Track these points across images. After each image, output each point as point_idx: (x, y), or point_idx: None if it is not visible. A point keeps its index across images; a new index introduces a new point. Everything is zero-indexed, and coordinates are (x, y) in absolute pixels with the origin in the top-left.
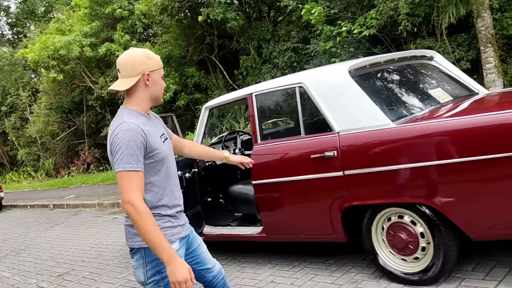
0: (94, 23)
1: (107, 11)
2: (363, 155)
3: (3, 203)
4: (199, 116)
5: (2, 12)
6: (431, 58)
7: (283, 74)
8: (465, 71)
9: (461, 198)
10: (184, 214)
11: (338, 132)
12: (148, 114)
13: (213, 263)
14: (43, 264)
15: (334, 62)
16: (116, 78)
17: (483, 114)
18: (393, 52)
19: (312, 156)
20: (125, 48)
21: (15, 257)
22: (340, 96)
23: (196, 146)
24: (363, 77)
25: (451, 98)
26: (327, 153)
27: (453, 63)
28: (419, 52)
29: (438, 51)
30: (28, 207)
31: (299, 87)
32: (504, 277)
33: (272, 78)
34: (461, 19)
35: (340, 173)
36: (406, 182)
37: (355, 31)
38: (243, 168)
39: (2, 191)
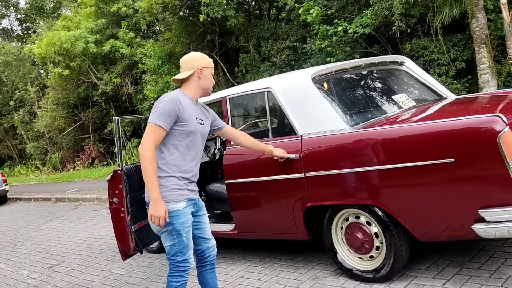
0: (100, 20)
1: (113, 9)
2: (322, 158)
3: (8, 196)
4: None
5: (12, 8)
6: (401, 64)
7: (281, 72)
8: (460, 71)
9: (408, 201)
10: (195, 184)
11: (301, 136)
12: (197, 101)
13: (210, 237)
14: (37, 256)
15: (330, 61)
16: (118, 74)
17: (429, 121)
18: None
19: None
20: (129, 45)
21: (12, 249)
22: (303, 101)
23: (249, 137)
24: (327, 83)
25: (414, 104)
26: (290, 156)
27: (448, 63)
28: (389, 58)
29: (433, 51)
30: (32, 200)
31: (268, 91)
32: (452, 276)
33: (270, 76)
34: (456, 19)
35: (301, 175)
36: (359, 185)
37: (350, 31)
38: (282, 160)
39: (7, 184)
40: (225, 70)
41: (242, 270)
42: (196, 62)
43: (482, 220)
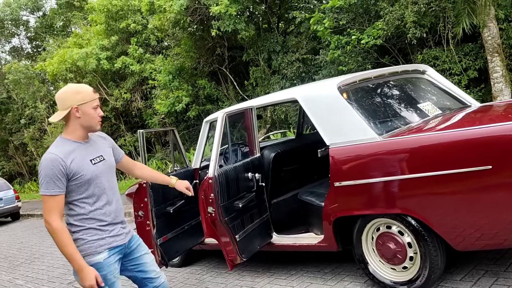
0: (113, 37)
1: (122, 26)
2: (350, 167)
3: (21, 212)
4: None
5: (22, 27)
6: (423, 72)
7: (292, 84)
8: (473, 80)
9: (443, 209)
10: (123, 224)
11: (329, 146)
12: (88, 138)
13: (156, 275)
14: (55, 271)
15: (342, 70)
16: (128, 89)
17: (464, 128)
18: (390, 66)
19: None
20: (139, 61)
21: (29, 265)
22: (329, 111)
23: (147, 169)
24: (352, 92)
25: (440, 112)
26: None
27: (461, 72)
28: (411, 67)
29: (445, 61)
30: None
31: (293, 102)
32: (490, 286)
33: (281, 88)
34: (466, 29)
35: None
36: (391, 194)
37: (362, 41)
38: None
39: (20, 201)
40: (235, 83)
41: (268, 283)
42: (68, 100)
43: None
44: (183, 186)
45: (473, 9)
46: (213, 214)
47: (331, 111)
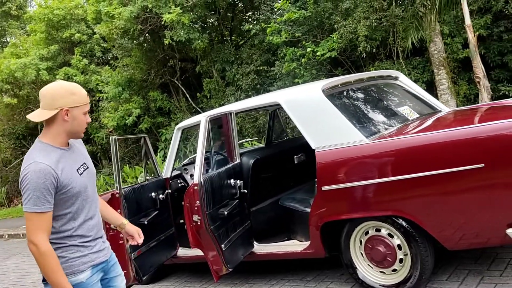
0: (52, 46)
1: (65, 36)
2: (339, 171)
3: None
4: (162, 140)
5: None
6: (396, 78)
7: (247, 96)
8: None
9: (436, 209)
10: (103, 238)
11: (314, 149)
12: (68, 144)
13: None
14: None
15: (298, 83)
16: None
17: (456, 128)
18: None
19: None
20: (83, 72)
21: None
22: (315, 114)
23: (103, 203)
24: (335, 96)
25: (418, 115)
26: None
27: None
28: (386, 72)
29: None
30: None
31: (276, 105)
32: (477, 286)
33: (236, 100)
34: (414, 43)
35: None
36: (382, 196)
37: (318, 53)
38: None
39: None
40: (187, 95)
41: None
42: (60, 100)
43: None
44: (135, 231)
45: (420, 24)
46: (199, 223)
47: (316, 114)
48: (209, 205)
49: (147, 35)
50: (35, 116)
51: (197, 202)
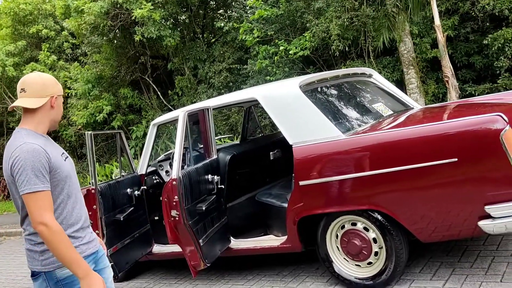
0: (20, 42)
1: (32, 31)
2: (316, 166)
3: None
4: (132, 138)
5: None
6: (370, 76)
7: (220, 93)
8: None
9: (411, 202)
10: (90, 229)
11: (292, 145)
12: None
13: None
14: None
15: (270, 80)
16: None
17: (430, 123)
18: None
19: None
20: (51, 69)
21: None
22: (292, 110)
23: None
24: (312, 92)
25: (392, 112)
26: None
27: None
28: (360, 70)
29: None
30: None
31: (253, 101)
32: (449, 276)
33: (209, 98)
34: (385, 43)
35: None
36: (358, 190)
37: (291, 52)
38: None
39: None
40: (158, 93)
41: None
42: (50, 89)
43: (487, 216)
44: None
45: (393, 25)
46: (177, 218)
47: (294, 110)
48: (187, 200)
49: (117, 31)
50: (30, 103)
51: (176, 197)
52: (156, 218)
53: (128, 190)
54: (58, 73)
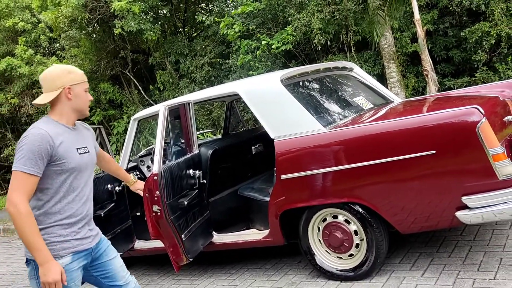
0: None
1: (8, 25)
2: (297, 159)
3: None
4: (113, 133)
5: None
6: (351, 70)
7: (201, 88)
8: None
9: (391, 195)
10: (91, 226)
11: (273, 139)
12: (74, 125)
13: (125, 281)
14: None
15: (252, 75)
16: (16, 94)
17: (409, 116)
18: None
19: None
20: (28, 63)
21: None
22: (273, 104)
23: (114, 163)
24: (293, 86)
25: (372, 105)
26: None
27: None
28: (341, 64)
29: None
30: None
31: (235, 94)
32: (428, 266)
33: (190, 92)
34: (366, 37)
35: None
36: (340, 183)
37: (273, 46)
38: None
39: None
40: (139, 88)
41: (208, 284)
42: (59, 80)
43: (465, 207)
44: (140, 186)
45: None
46: (159, 213)
47: (275, 104)
48: (169, 195)
49: (96, 24)
50: (41, 99)
51: (157, 192)
52: (138, 213)
53: (109, 186)
54: (36, 68)
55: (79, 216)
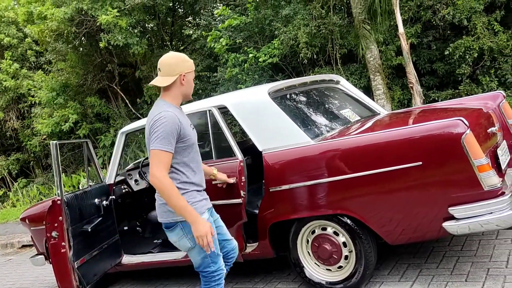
0: None
1: None
2: (286, 172)
3: None
4: (100, 146)
5: None
6: (337, 82)
7: (189, 101)
8: None
9: (378, 206)
10: (204, 189)
11: (261, 152)
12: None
13: (230, 237)
14: None
15: (240, 88)
16: (1, 108)
17: (395, 128)
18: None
19: None
20: (14, 77)
21: None
22: (261, 117)
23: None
24: (280, 99)
25: (359, 118)
26: (232, 181)
27: None
28: (327, 77)
29: None
30: None
31: (223, 107)
32: (416, 277)
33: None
34: (352, 50)
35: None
36: (328, 195)
37: (260, 59)
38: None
39: None
40: (126, 101)
41: None
42: (179, 67)
43: (451, 218)
44: (223, 176)
45: (362, 34)
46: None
47: (263, 117)
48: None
49: (83, 38)
50: (159, 82)
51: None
52: (126, 228)
53: (96, 200)
54: (21, 82)
55: (202, 182)
